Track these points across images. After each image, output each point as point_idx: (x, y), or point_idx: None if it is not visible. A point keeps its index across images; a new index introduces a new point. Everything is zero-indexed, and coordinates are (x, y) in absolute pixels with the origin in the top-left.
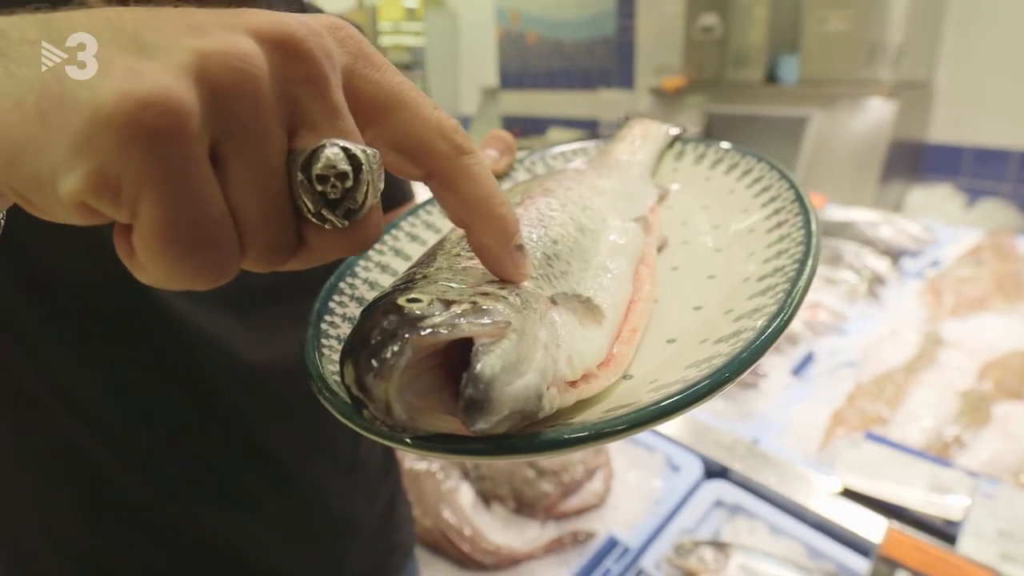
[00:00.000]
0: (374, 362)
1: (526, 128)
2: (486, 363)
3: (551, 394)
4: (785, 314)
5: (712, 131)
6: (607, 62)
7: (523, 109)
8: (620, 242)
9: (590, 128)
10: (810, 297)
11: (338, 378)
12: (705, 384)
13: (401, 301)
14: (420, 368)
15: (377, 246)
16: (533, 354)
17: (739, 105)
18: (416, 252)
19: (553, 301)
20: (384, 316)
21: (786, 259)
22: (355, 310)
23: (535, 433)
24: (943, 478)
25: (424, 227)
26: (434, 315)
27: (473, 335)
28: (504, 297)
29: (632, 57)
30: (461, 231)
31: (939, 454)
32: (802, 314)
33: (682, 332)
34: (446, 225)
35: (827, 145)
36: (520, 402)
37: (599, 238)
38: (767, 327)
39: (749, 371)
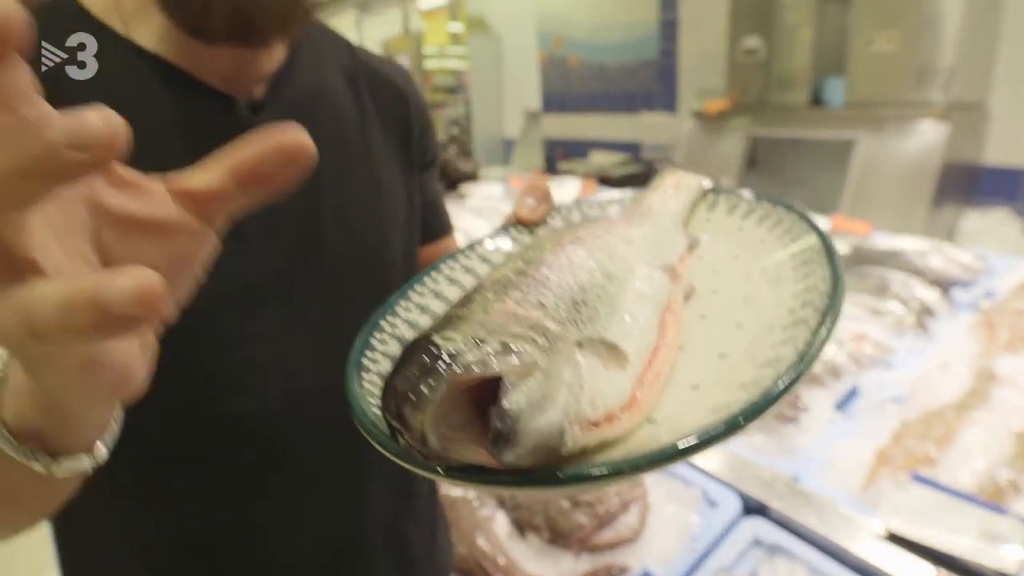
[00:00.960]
0: (411, 395)
1: (568, 151)
2: (513, 399)
3: (574, 432)
4: (801, 366)
5: (756, 155)
6: (649, 85)
7: (565, 132)
8: (646, 290)
9: (632, 151)
10: (855, 328)
11: (377, 411)
12: (720, 430)
13: (437, 339)
14: (454, 402)
15: (417, 287)
16: (557, 393)
17: (784, 128)
18: (454, 295)
19: (579, 344)
20: (422, 352)
21: (811, 311)
22: (394, 347)
23: (559, 468)
24: (996, 525)
25: (463, 271)
26: (467, 353)
27: (502, 373)
28: (533, 339)
29: (675, 80)
30: (497, 276)
31: (992, 499)
32: (846, 346)
33: (707, 379)
34: (484, 269)
35: (875, 169)
36: (544, 437)
37: (626, 285)
38: (782, 377)
39: (763, 417)
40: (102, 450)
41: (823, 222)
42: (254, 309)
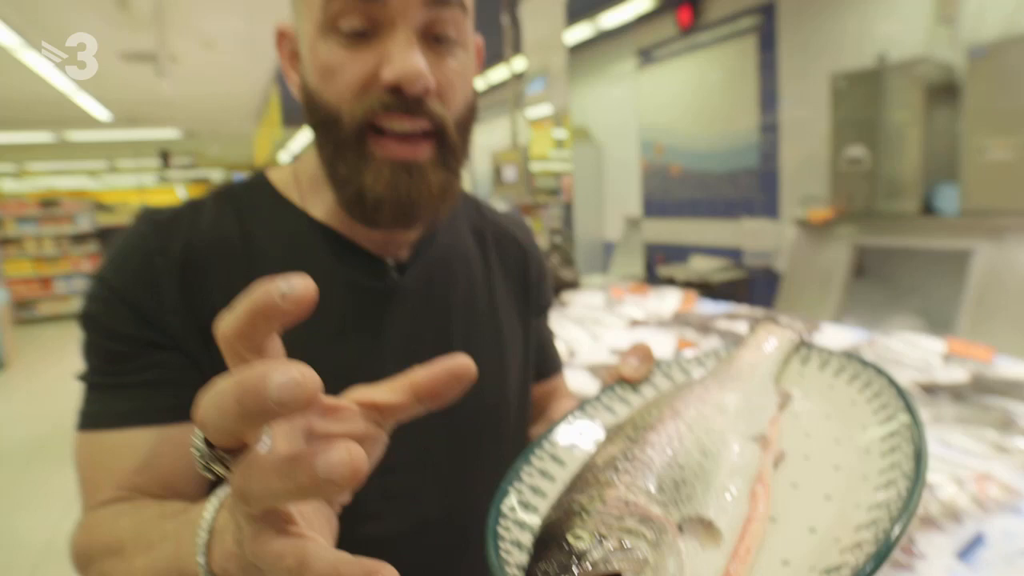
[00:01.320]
0: None
1: (668, 255)
2: None
3: None
4: (880, 557)
5: (864, 264)
6: (750, 192)
7: (665, 236)
8: (739, 462)
9: (734, 256)
10: (977, 466)
11: (511, 571)
12: None
13: (570, 538)
14: None
15: (538, 451)
16: None
17: (893, 237)
18: (571, 459)
19: (680, 527)
20: (558, 550)
21: (893, 492)
22: (521, 513)
23: None
24: None
25: (577, 434)
26: (592, 551)
27: (621, 571)
28: (643, 533)
29: (776, 187)
30: (607, 454)
31: None
32: (968, 486)
33: (796, 555)
34: (593, 435)
35: (997, 283)
36: None
37: (720, 460)
38: (863, 570)
39: None
40: None
41: (939, 344)
42: (394, 443)
